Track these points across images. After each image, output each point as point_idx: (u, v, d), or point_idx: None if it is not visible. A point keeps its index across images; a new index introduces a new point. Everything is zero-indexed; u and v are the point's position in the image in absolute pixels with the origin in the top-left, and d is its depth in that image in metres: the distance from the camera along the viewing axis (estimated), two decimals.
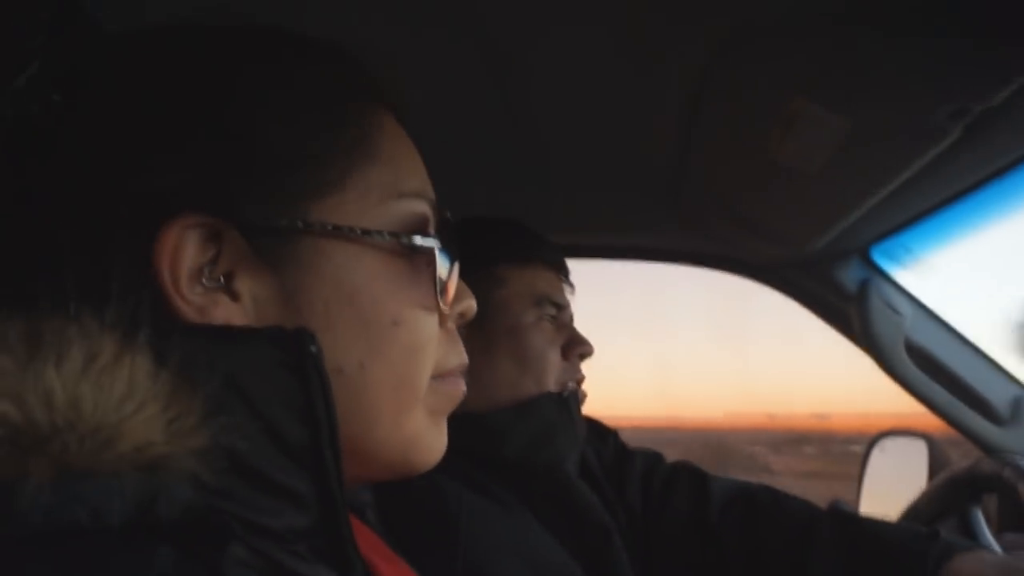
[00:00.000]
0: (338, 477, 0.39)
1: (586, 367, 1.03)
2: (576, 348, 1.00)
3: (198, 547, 0.33)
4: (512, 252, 1.00)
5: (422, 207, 0.47)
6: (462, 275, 0.64)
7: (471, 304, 0.52)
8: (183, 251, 0.39)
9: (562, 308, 1.01)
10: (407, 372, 0.45)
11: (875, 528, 0.92)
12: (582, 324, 1.06)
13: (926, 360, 1.28)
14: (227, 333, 0.39)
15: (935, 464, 1.51)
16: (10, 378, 0.31)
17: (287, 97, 0.43)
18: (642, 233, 1.43)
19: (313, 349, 0.38)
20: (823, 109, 0.81)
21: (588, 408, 1.05)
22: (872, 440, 1.78)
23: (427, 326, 0.46)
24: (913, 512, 1.24)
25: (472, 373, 0.92)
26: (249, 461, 0.36)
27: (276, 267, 0.42)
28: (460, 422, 0.88)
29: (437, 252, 0.46)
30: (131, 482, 0.32)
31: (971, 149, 0.81)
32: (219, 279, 0.41)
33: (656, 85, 0.95)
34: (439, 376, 0.49)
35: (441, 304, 0.47)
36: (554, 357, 0.97)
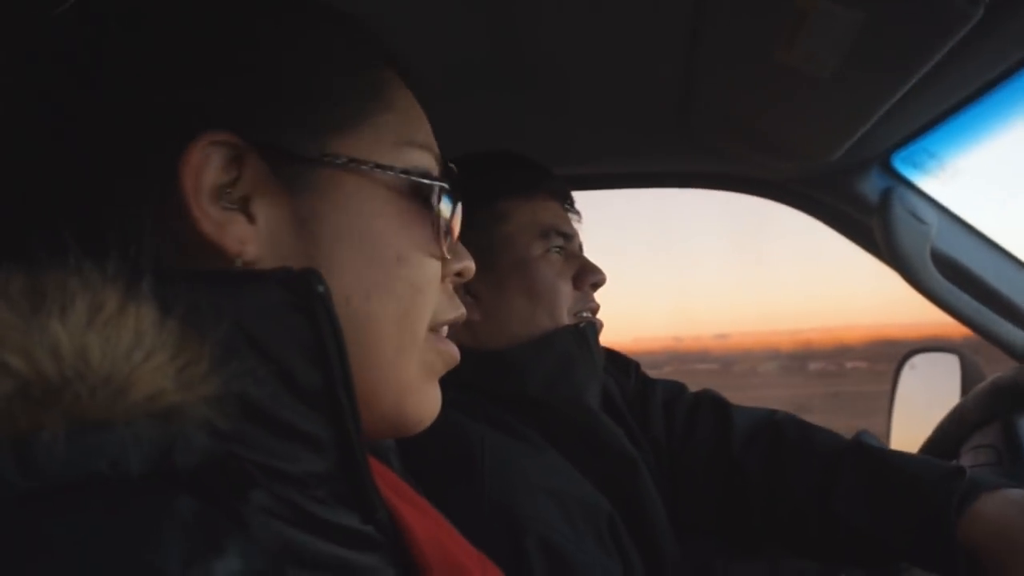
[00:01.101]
0: (354, 419, 0.39)
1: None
2: (588, 277, 0.98)
3: (219, 495, 0.33)
4: (513, 186, 0.97)
5: (428, 159, 0.49)
6: (465, 213, 0.64)
7: (469, 265, 0.54)
8: (207, 167, 0.40)
9: (569, 237, 0.99)
10: (410, 308, 0.46)
11: (900, 463, 0.89)
12: (596, 255, 1.04)
13: (954, 270, 1.24)
14: (232, 277, 0.39)
15: (968, 379, 1.48)
16: (15, 331, 0.30)
17: (313, 39, 0.46)
18: (652, 158, 1.38)
19: (321, 289, 0.38)
20: (833, 3, 0.76)
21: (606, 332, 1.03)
22: (902, 358, 1.75)
23: (429, 267, 0.48)
24: (956, 419, 1.21)
25: (485, 311, 0.93)
26: (263, 406, 0.36)
27: (293, 193, 0.43)
28: (479, 360, 0.89)
29: (441, 195, 0.48)
30: (146, 430, 0.31)
31: (994, 33, 0.75)
32: (239, 201, 0.42)
33: (657, 3, 0.90)
34: (435, 328, 0.50)
35: (440, 249, 0.48)
36: (565, 288, 0.96)
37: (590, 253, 1.03)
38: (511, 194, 0.97)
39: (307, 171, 0.43)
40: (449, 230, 0.50)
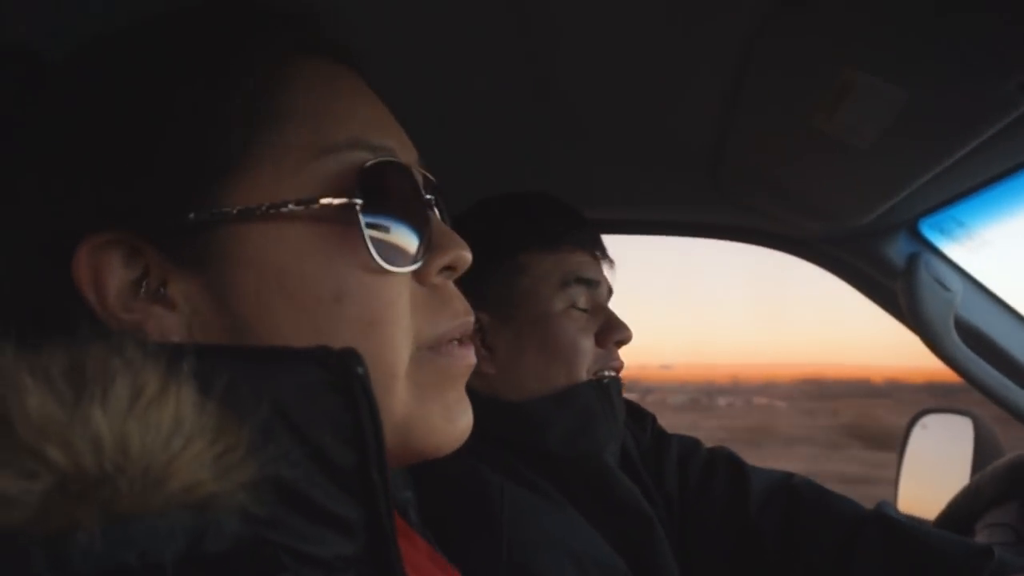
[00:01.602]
0: (387, 501, 0.37)
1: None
2: (612, 335, 0.94)
3: None
4: (533, 238, 0.94)
5: (358, 157, 0.42)
6: (484, 264, 0.59)
7: (460, 254, 0.47)
8: (105, 271, 0.38)
9: (594, 284, 0.96)
10: (369, 348, 0.39)
11: (924, 537, 0.88)
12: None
13: (977, 338, 1.23)
14: (272, 354, 0.37)
15: (981, 444, 1.46)
16: (55, 422, 0.29)
17: (172, 82, 0.41)
18: (681, 207, 1.38)
19: (360, 370, 0.36)
20: (878, 80, 0.76)
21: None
22: (913, 417, 1.73)
23: (380, 292, 0.42)
24: (972, 494, 1.19)
25: (500, 365, 0.92)
26: (297, 489, 0.35)
27: (200, 266, 0.40)
28: (497, 410, 0.88)
29: (364, 208, 0.41)
30: (180, 520, 0.30)
31: None
32: (158, 289, 0.39)
33: (697, 56, 0.91)
34: (431, 346, 0.45)
35: (387, 265, 0.41)
36: (587, 345, 0.93)
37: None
38: (532, 246, 0.93)
39: (204, 239, 0.40)
40: (416, 230, 0.43)
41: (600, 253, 0.99)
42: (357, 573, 0.38)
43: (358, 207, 0.41)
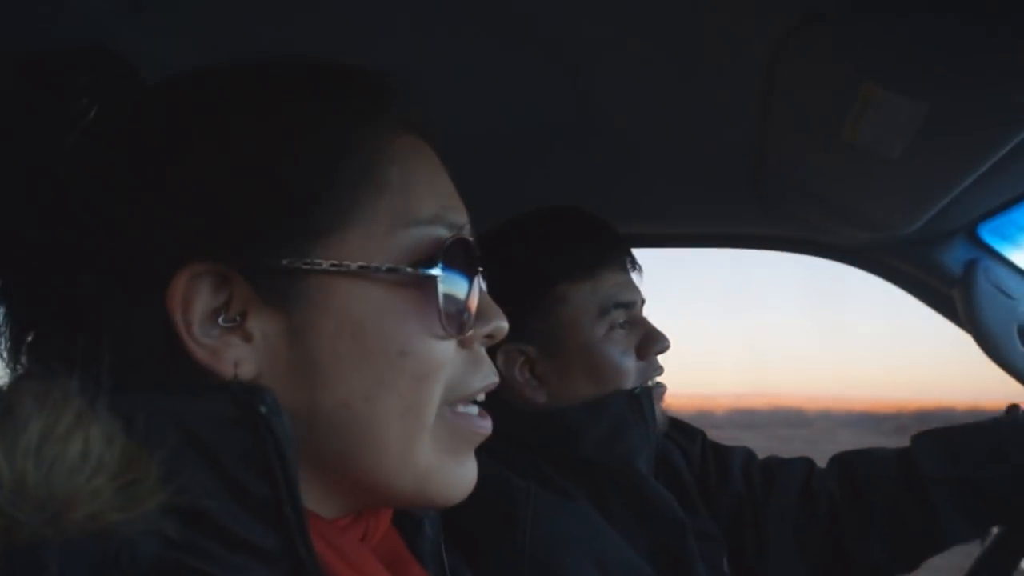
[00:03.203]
0: (303, 533, 0.39)
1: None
2: (652, 347, 0.98)
3: None
4: (572, 266, 0.97)
5: (437, 232, 0.47)
6: (525, 296, 0.62)
7: (500, 325, 0.52)
8: (194, 298, 0.42)
9: (631, 305, 0.99)
10: (414, 400, 0.45)
11: (964, 425, 1.05)
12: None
13: None
14: (186, 391, 0.40)
15: None
16: None
17: (283, 142, 0.44)
18: (725, 220, 1.39)
19: (263, 409, 0.38)
20: (896, 94, 0.76)
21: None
22: None
23: (437, 353, 0.46)
24: None
25: (552, 394, 0.96)
26: (213, 517, 0.37)
27: (283, 306, 0.43)
28: (532, 419, 0.93)
29: (441, 281, 0.45)
30: (84, 546, 0.33)
31: None
32: (235, 319, 0.43)
33: (728, 73, 0.93)
34: (460, 400, 0.49)
35: (449, 330, 0.46)
36: (630, 364, 0.96)
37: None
38: (572, 277, 0.96)
39: (292, 283, 0.43)
40: (464, 308, 0.47)
41: (631, 265, 1.02)
42: None
43: (439, 279, 0.45)
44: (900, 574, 1.08)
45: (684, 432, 1.18)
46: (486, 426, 0.51)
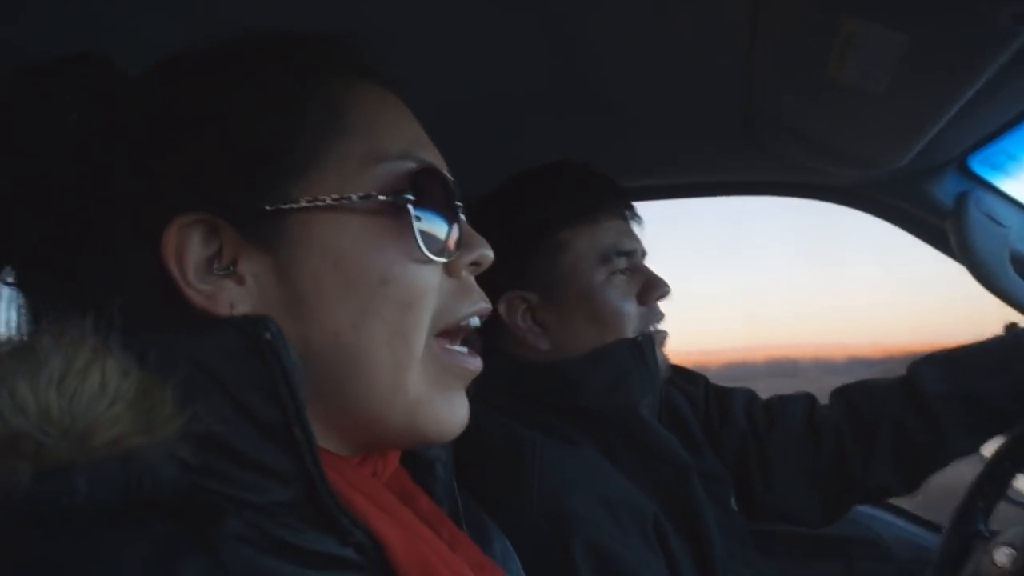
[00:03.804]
0: (312, 452, 0.41)
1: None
2: (653, 293, 1.00)
3: (192, 522, 0.37)
4: (572, 213, 0.98)
5: (407, 166, 0.50)
6: (526, 244, 0.63)
7: (484, 253, 0.54)
8: (187, 248, 0.45)
9: (632, 253, 1.01)
10: (400, 327, 0.48)
11: (961, 346, 1.09)
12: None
13: None
14: (193, 325, 0.43)
15: None
16: None
17: (255, 97, 0.48)
18: (719, 168, 1.40)
19: (268, 336, 0.41)
20: (878, 27, 0.78)
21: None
22: None
23: (420, 279, 0.49)
24: None
25: (554, 341, 0.99)
26: (228, 442, 0.39)
27: (269, 247, 0.47)
28: (538, 372, 0.97)
29: (414, 208, 0.48)
30: (109, 469, 0.35)
31: None
32: (228, 267, 0.46)
33: (711, 19, 0.94)
34: (450, 327, 0.51)
35: (432, 256, 0.49)
36: (631, 309, 0.98)
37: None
38: (570, 222, 0.98)
39: (275, 224, 0.46)
40: (445, 240, 0.50)
41: (631, 215, 1.04)
42: (300, 516, 0.42)
43: (410, 203, 0.48)
44: (905, 493, 1.13)
45: (687, 377, 1.22)
46: (476, 363, 0.54)
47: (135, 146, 0.48)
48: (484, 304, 0.54)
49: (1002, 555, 0.94)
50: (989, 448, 1.10)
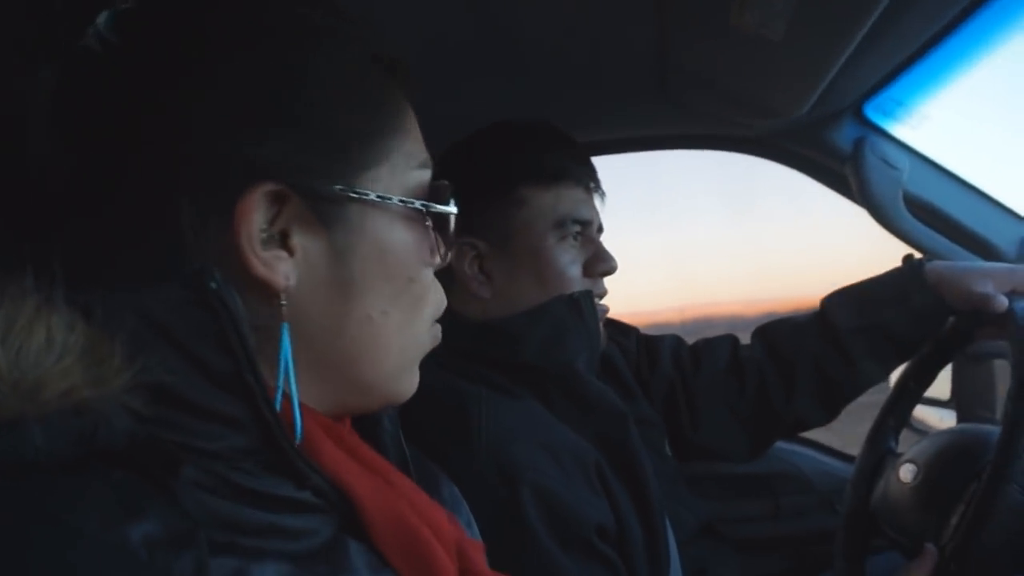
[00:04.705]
0: (265, 398, 0.42)
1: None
2: (598, 265, 1.02)
3: (151, 470, 0.38)
4: (534, 173, 0.99)
5: (427, 174, 0.54)
6: (485, 194, 0.68)
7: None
8: (255, 214, 0.45)
9: (587, 223, 1.02)
10: (413, 318, 0.53)
11: (866, 280, 1.14)
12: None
13: (927, 211, 1.29)
14: (140, 280, 0.42)
15: None
16: None
17: (347, 85, 0.50)
18: (634, 123, 1.44)
19: (213, 285, 0.41)
20: None
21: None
22: None
23: (428, 279, 0.55)
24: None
25: (496, 291, 1.01)
26: (179, 392, 0.40)
27: (328, 226, 0.48)
28: (478, 330, 0.98)
29: (441, 218, 0.54)
30: (62, 421, 0.35)
31: None
32: (276, 236, 0.46)
33: None
34: (434, 319, 0.57)
35: (440, 259, 0.55)
36: (575, 274, 1.00)
37: None
38: (533, 182, 0.99)
39: (339, 208, 0.48)
40: (446, 243, 0.55)
41: (594, 187, 1.05)
42: (257, 461, 0.43)
43: (451, 215, 0.54)
44: (823, 424, 1.20)
45: (619, 329, 1.27)
46: (439, 332, 0.59)
47: (216, 108, 0.45)
48: (444, 298, 0.59)
49: (905, 472, 1.01)
50: (895, 377, 1.18)
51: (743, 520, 1.58)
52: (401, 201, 0.51)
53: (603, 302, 1.05)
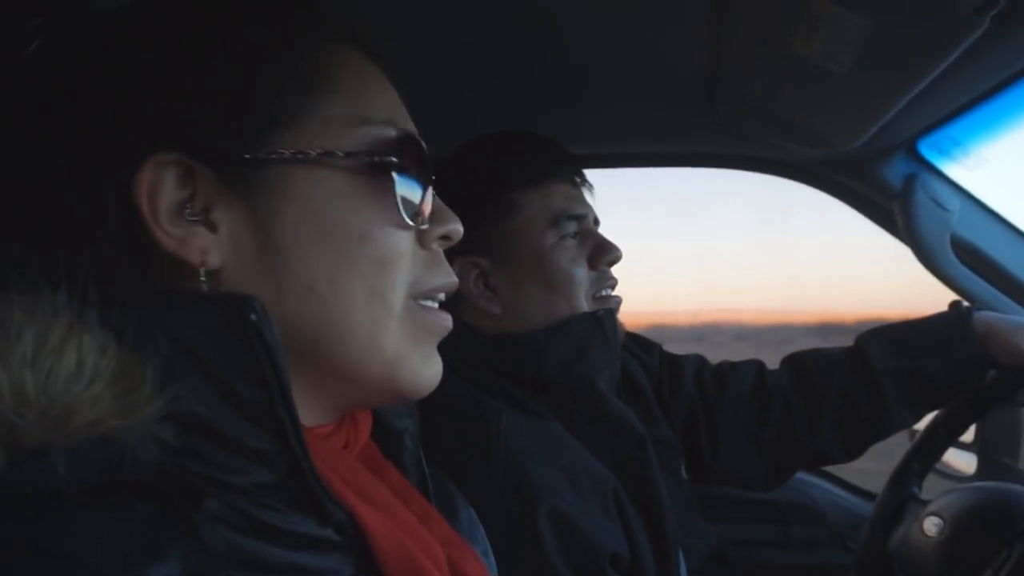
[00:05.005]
0: (297, 433, 0.41)
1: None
2: (603, 256, 1.01)
3: (174, 503, 0.37)
4: (521, 176, 0.99)
5: (388, 132, 0.50)
6: (476, 206, 0.63)
7: (455, 227, 0.54)
8: (161, 188, 0.44)
9: (582, 217, 1.01)
10: (377, 284, 0.48)
11: (906, 322, 1.13)
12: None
13: (974, 256, 1.25)
14: (174, 299, 0.41)
15: None
16: None
17: (246, 44, 0.47)
18: (678, 139, 1.41)
19: (253, 317, 0.40)
20: (845, 8, 0.78)
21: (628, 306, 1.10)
22: None
23: (396, 240, 0.49)
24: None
25: (505, 304, 1.00)
26: (209, 423, 0.39)
27: (248, 195, 0.45)
28: (498, 342, 0.97)
29: (396, 172, 0.48)
30: (89, 451, 0.34)
31: (1003, 41, 0.78)
32: (200, 213, 0.45)
33: None
34: (420, 297, 0.52)
35: (409, 220, 0.49)
36: (581, 272, 0.99)
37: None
38: (520, 185, 0.98)
39: (257, 172, 0.45)
40: (419, 208, 0.50)
41: (580, 180, 1.04)
42: (281, 497, 0.42)
43: (393, 166, 0.48)
44: (846, 461, 1.18)
45: (642, 346, 1.25)
46: (448, 319, 0.54)
47: (110, 82, 0.46)
48: (454, 279, 0.55)
49: (930, 524, 0.99)
50: (922, 423, 1.16)
51: (752, 544, 1.57)
52: (325, 154, 0.46)
53: (615, 293, 1.04)
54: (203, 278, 0.45)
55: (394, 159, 0.49)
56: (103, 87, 0.46)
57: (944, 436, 1.11)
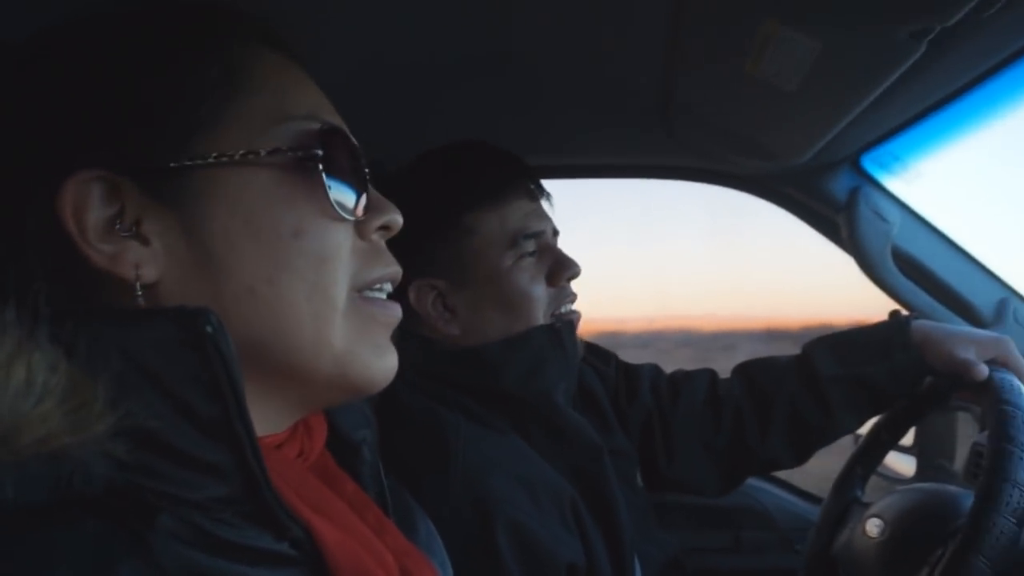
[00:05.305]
0: (253, 447, 0.41)
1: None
2: (562, 274, 1.00)
3: (125, 520, 0.36)
4: (479, 196, 0.97)
5: (311, 126, 0.50)
6: (431, 226, 0.62)
7: (393, 218, 0.54)
8: (87, 206, 0.43)
9: (540, 234, 1.00)
10: (318, 280, 0.48)
11: (849, 330, 1.15)
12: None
13: (912, 266, 1.31)
14: (127, 315, 0.41)
15: None
16: None
17: (155, 54, 0.47)
18: (634, 151, 1.44)
19: (209, 329, 0.39)
20: (794, 31, 0.82)
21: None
22: None
23: (332, 235, 0.49)
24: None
25: (463, 326, 0.99)
26: (163, 438, 0.38)
27: (176, 204, 0.45)
28: (457, 357, 0.96)
29: (323, 165, 0.48)
30: (38, 468, 0.34)
31: (939, 63, 0.82)
32: (131, 228, 0.45)
33: (636, 5, 0.95)
34: (364, 287, 0.51)
35: (342, 213, 0.49)
36: (539, 291, 0.98)
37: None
38: (476, 206, 0.96)
39: (183, 180, 0.45)
40: (355, 202, 0.50)
41: (538, 192, 1.03)
42: (236, 511, 0.41)
43: (319, 159, 0.48)
44: (794, 466, 1.21)
45: (599, 356, 1.25)
46: (396, 310, 0.54)
47: (22, 107, 0.45)
48: (396, 268, 0.54)
49: (872, 526, 1.03)
50: (866, 428, 1.20)
51: (706, 551, 1.60)
52: (249, 153, 0.46)
53: (574, 307, 1.04)
54: (139, 292, 0.44)
55: (319, 152, 0.48)
56: (14, 113, 0.45)
57: (886, 440, 1.15)
